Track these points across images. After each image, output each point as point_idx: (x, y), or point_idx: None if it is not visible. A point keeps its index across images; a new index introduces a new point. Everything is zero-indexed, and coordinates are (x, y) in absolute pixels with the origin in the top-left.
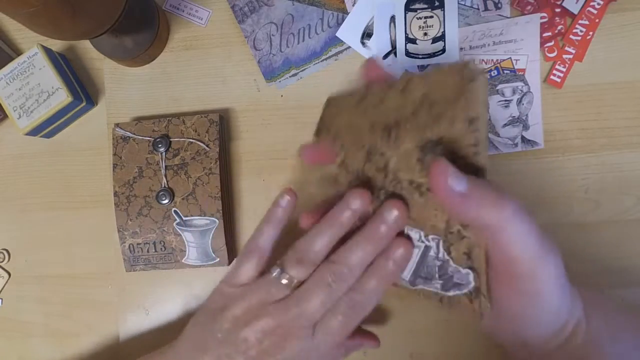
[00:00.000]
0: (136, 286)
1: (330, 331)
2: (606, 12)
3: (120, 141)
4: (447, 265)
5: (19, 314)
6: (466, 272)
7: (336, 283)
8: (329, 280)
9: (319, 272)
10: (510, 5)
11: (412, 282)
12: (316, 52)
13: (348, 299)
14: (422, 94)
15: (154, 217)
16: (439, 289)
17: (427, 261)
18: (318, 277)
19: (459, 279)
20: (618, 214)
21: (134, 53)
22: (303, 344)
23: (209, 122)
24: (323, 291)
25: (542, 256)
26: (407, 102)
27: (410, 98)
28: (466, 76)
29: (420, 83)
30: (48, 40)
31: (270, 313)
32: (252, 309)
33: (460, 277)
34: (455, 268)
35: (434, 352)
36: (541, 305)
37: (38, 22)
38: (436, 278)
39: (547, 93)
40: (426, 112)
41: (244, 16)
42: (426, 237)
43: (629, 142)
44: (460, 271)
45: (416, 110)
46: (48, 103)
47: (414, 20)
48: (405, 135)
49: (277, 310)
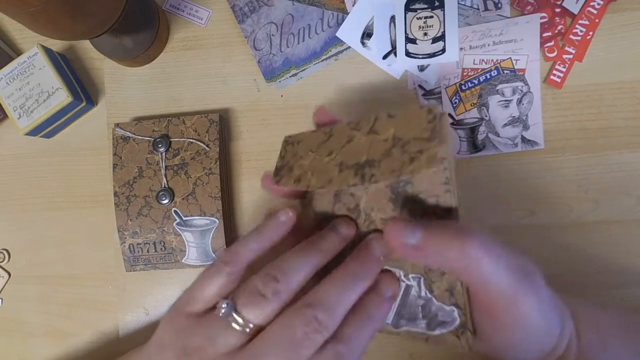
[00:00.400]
0: (136, 286)
1: None
2: (606, 12)
3: (120, 141)
4: (430, 303)
5: (19, 314)
6: (450, 309)
7: (308, 337)
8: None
9: (288, 317)
10: (510, 5)
11: (395, 325)
12: (316, 52)
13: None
14: (392, 134)
15: (154, 217)
16: (425, 328)
17: (410, 301)
18: (285, 321)
19: (443, 316)
20: (618, 214)
21: (134, 53)
22: None
23: (209, 122)
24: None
25: (518, 287)
26: (377, 141)
27: (381, 138)
28: (436, 116)
29: (389, 123)
30: (48, 40)
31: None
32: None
33: (444, 315)
34: (439, 306)
35: (434, 352)
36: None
37: (38, 22)
38: (420, 318)
39: (547, 93)
40: (399, 152)
41: (244, 16)
42: (406, 276)
43: (629, 142)
44: (445, 308)
45: (388, 150)
46: (48, 103)
47: (414, 20)
48: (380, 175)
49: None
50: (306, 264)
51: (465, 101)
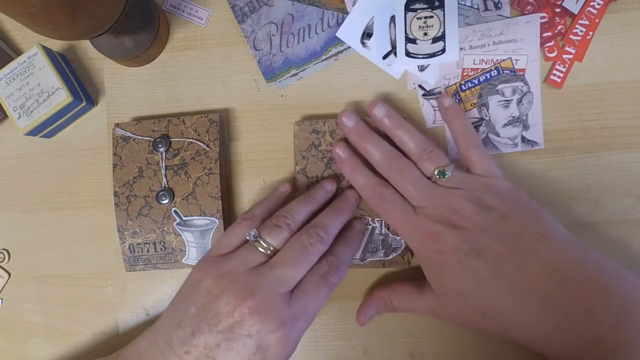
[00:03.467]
0: (136, 286)
1: (308, 297)
2: (606, 12)
3: (120, 141)
4: (387, 237)
5: (19, 314)
6: (400, 238)
7: (313, 245)
8: (305, 242)
9: (296, 236)
10: (510, 5)
11: (361, 259)
12: (316, 52)
13: (325, 262)
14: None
15: (154, 217)
16: (382, 256)
17: (373, 238)
18: (295, 240)
19: (395, 244)
20: (618, 214)
21: (134, 53)
22: (279, 312)
23: (209, 122)
24: (299, 253)
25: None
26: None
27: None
28: None
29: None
30: (48, 40)
31: (242, 280)
32: (224, 279)
33: (396, 243)
34: (393, 238)
35: (434, 352)
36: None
37: (38, 22)
38: (380, 249)
39: (547, 93)
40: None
41: (244, 16)
42: (372, 220)
43: (629, 142)
44: (396, 238)
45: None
46: (48, 103)
47: (414, 20)
48: None
49: (250, 277)
50: (305, 207)
51: (465, 101)
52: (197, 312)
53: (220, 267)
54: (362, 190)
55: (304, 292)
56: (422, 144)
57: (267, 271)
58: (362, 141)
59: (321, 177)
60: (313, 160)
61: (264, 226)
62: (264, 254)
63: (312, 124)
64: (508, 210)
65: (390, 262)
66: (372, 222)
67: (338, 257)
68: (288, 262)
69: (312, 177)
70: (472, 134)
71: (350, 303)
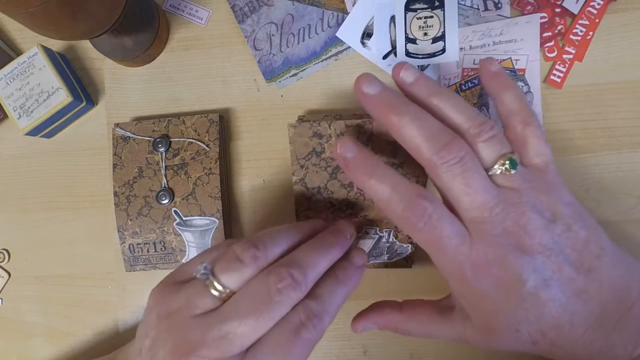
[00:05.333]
0: (136, 286)
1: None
2: (606, 12)
3: (120, 141)
4: (394, 245)
5: (19, 314)
6: (407, 245)
7: (280, 292)
8: (272, 287)
9: (263, 275)
10: (510, 5)
11: None
12: (316, 52)
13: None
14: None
15: (154, 217)
16: (385, 260)
17: (379, 245)
18: (258, 282)
19: (400, 250)
20: (618, 214)
21: (134, 53)
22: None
23: (209, 122)
24: (260, 303)
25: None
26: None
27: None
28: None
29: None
30: (48, 40)
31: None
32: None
33: (402, 249)
34: (399, 245)
35: (434, 352)
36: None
37: (38, 22)
38: (385, 254)
39: (547, 93)
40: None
41: (244, 16)
42: (380, 230)
43: (629, 142)
44: (403, 246)
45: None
46: (48, 103)
47: (414, 20)
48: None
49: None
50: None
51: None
52: (149, 349)
53: (169, 302)
54: (387, 205)
55: (263, 353)
56: (477, 118)
57: (215, 323)
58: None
59: (324, 187)
60: (314, 170)
61: (223, 255)
62: (216, 298)
63: (312, 126)
64: (571, 220)
65: (393, 264)
66: (379, 231)
67: (322, 303)
68: (242, 314)
69: (313, 188)
70: (529, 108)
71: (351, 303)
